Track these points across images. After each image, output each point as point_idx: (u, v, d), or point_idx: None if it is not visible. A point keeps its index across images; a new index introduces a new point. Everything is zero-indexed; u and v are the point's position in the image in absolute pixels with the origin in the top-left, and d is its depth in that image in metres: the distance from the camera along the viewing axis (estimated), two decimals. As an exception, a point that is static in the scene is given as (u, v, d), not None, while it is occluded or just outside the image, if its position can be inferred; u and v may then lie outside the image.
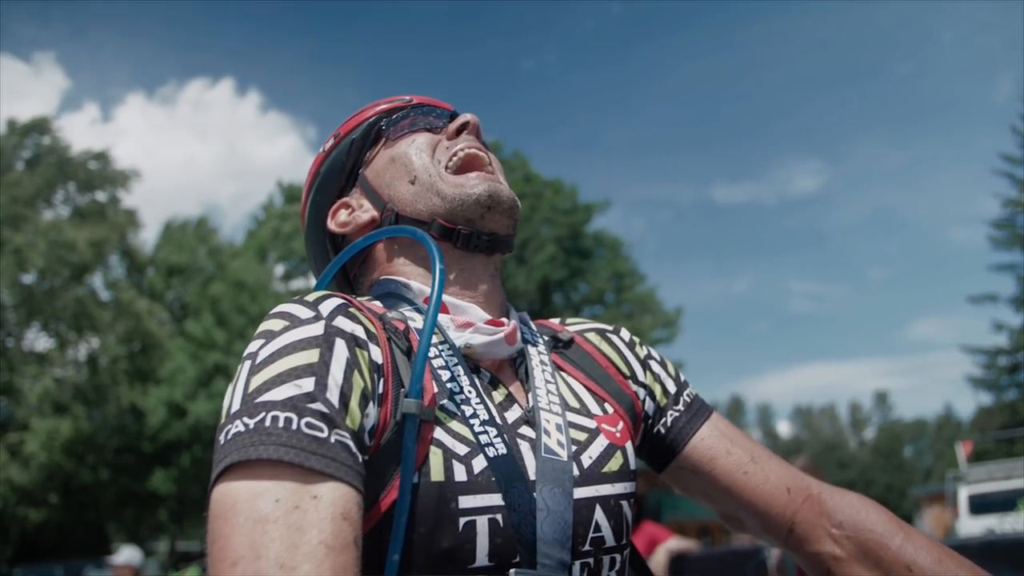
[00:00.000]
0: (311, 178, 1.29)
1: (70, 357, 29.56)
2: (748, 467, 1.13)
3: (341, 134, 1.26)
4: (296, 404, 0.80)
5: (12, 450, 26.24)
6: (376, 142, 1.24)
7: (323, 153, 1.27)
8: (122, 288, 29.81)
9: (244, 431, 0.78)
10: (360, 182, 1.23)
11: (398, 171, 1.17)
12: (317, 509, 0.75)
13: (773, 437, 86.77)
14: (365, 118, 1.26)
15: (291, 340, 0.86)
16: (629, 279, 31.87)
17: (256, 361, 0.85)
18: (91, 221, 29.23)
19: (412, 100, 1.27)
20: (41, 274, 28.29)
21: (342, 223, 1.22)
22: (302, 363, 0.84)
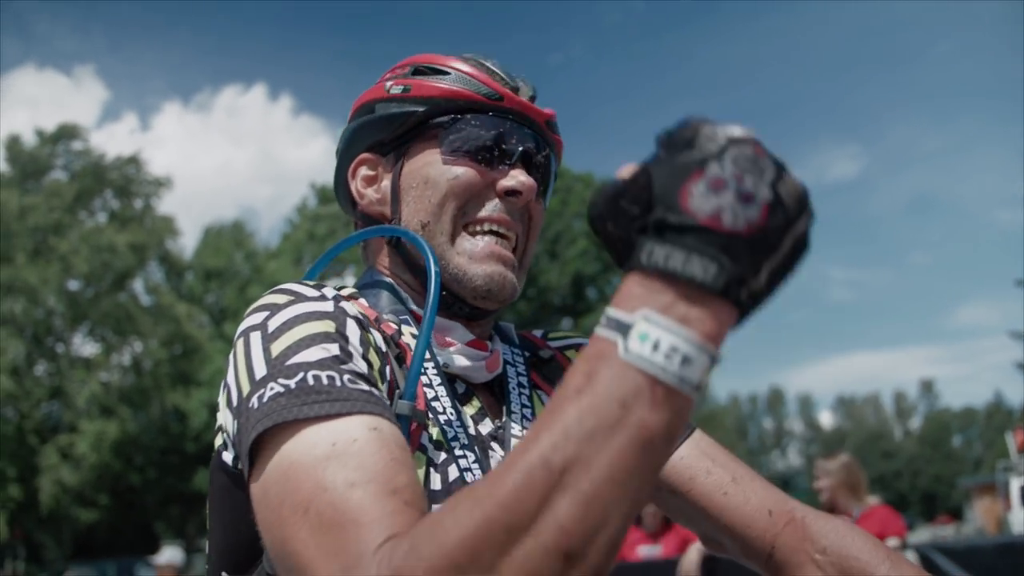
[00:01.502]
0: (359, 110, 1.14)
1: (115, 361, 30.21)
2: (728, 488, 1.10)
3: (414, 93, 1.08)
4: (332, 364, 0.78)
5: (63, 452, 26.88)
6: (431, 136, 1.08)
7: (386, 95, 1.10)
8: (162, 292, 30.35)
9: (285, 391, 0.75)
10: (393, 168, 1.11)
11: (422, 200, 1.06)
12: (378, 436, 0.73)
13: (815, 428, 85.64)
14: (444, 94, 1.07)
15: (302, 311, 0.85)
16: (664, 272, 31.70)
17: (268, 330, 0.83)
18: (130, 227, 29.80)
19: (503, 100, 1.07)
20: (85, 280, 28.94)
21: (358, 191, 1.14)
22: (322, 330, 0.82)
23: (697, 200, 0.59)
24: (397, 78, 1.11)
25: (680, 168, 0.60)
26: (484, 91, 1.07)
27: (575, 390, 0.59)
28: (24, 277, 27.15)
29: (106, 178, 30.79)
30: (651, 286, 0.59)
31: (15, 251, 27.64)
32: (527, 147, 1.08)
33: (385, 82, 1.12)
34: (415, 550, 0.59)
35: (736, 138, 0.61)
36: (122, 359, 30.59)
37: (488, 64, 1.11)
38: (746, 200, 0.59)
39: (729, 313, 0.60)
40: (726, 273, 0.58)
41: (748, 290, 0.60)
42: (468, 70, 1.08)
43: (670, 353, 0.57)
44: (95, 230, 29.08)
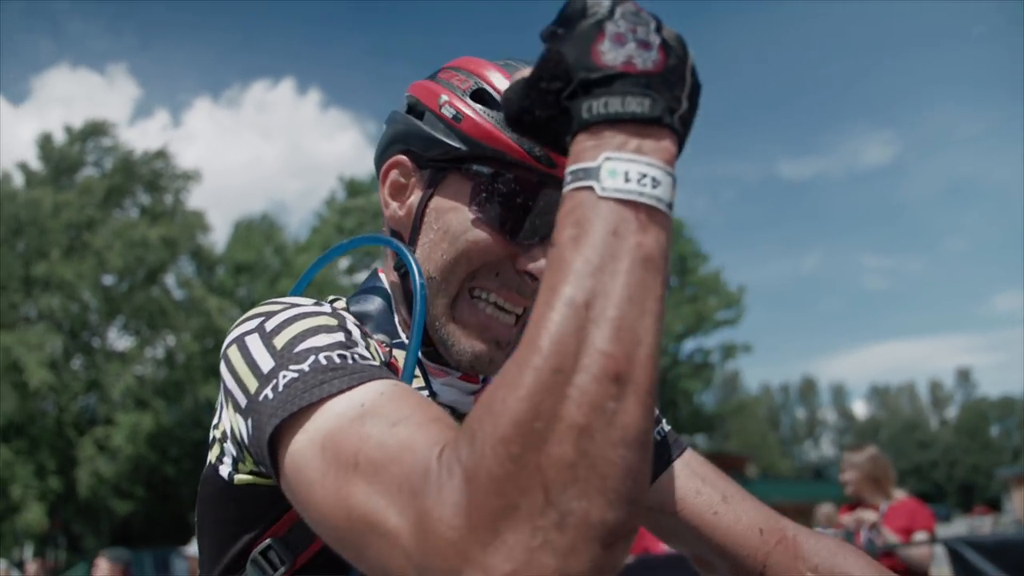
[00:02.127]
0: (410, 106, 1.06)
1: (149, 355, 30.71)
2: (719, 507, 1.10)
3: (464, 127, 0.97)
4: (338, 346, 0.79)
5: (100, 444, 27.39)
6: (469, 176, 0.99)
7: (437, 110, 1.00)
8: (193, 286, 30.76)
9: (299, 376, 0.75)
10: (424, 190, 1.03)
11: (436, 250, 0.99)
12: (402, 388, 0.75)
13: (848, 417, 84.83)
14: (494, 143, 0.96)
15: (300, 311, 0.85)
16: (692, 261, 31.48)
17: (266, 330, 0.83)
18: (161, 222, 30.21)
19: (555, 168, 0.95)
20: (119, 275, 29.42)
21: (385, 198, 1.07)
22: (323, 323, 0.83)
23: (608, 55, 0.64)
24: (455, 93, 0.99)
25: (583, 35, 0.66)
26: (538, 153, 0.95)
27: (571, 239, 0.62)
28: (60, 273, 27.64)
29: (136, 173, 31.21)
30: (600, 135, 0.64)
31: (50, 248, 28.15)
32: None
33: (442, 91, 1.00)
34: (478, 434, 0.59)
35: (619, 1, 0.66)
36: (156, 352, 31.07)
37: None
38: (645, 47, 0.65)
39: (671, 138, 0.65)
40: (659, 104, 0.64)
41: (679, 116, 0.65)
42: None
43: (641, 179, 0.62)
44: (128, 225, 29.50)
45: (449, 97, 0.99)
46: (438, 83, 1.02)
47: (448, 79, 1.02)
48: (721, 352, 31.80)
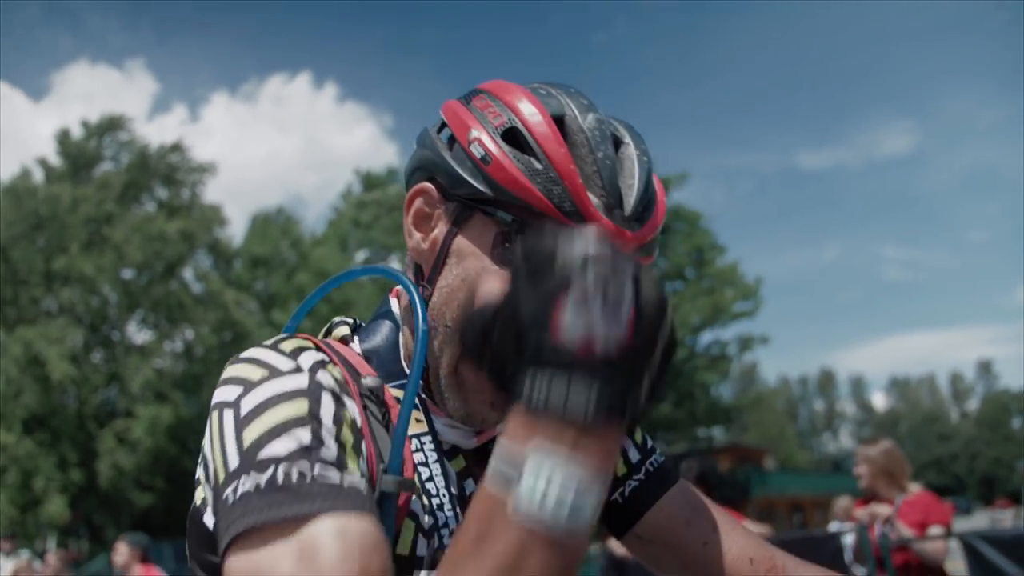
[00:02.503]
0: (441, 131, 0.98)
1: (168, 348, 31.01)
2: (709, 538, 1.10)
3: (492, 171, 0.89)
4: (302, 456, 0.76)
5: (120, 436, 27.70)
6: (495, 221, 0.92)
7: (466, 145, 0.92)
8: (211, 280, 31.00)
9: (255, 490, 0.74)
10: (448, 227, 0.96)
11: (451, 301, 0.93)
12: (342, 545, 0.70)
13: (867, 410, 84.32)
14: (522, 194, 0.88)
15: (276, 392, 0.81)
16: (709, 253, 31.35)
17: (241, 413, 0.80)
18: (179, 216, 30.46)
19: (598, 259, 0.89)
20: (138, 268, 29.69)
21: (409, 227, 1.00)
22: (293, 415, 0.79)
23: (566, 329, 0.59)
24: (487, 129, 0.91)
25: (544, 295, 0.61)
26: (567, 208, 0.87)
27: (472, 542, 0.61)
28: (79, 267, 27.94)
29: (152, 167, 31.48)
30: (536, 419, 0.60)
31: (69, 242, 28.44)
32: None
33: (474, 124, 0.92)
34: None
35: (593, 253, 0.61)
36: (175, 346, 31.36)
37: (598, 156, 0.89)
38: (612, 320, 0.59)
39: (616, 433, 0.61)
40: (606, 398, 0.59)
41: (632, 406, 0.60)
42: (565, 167, 0.88)
43: (558, 506, 0.58)
44: (146, 219, 29.76)
45: (479, 133, 0.91)
46: (471, 111, 0.94)
47: (482, 109, 0.94)
48: (738, 344, 31.66)
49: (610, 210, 0.88)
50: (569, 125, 0.90)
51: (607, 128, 0.92)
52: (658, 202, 0.94)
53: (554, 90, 0.95)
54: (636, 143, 0.95)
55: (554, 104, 0.92)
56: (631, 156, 0.93)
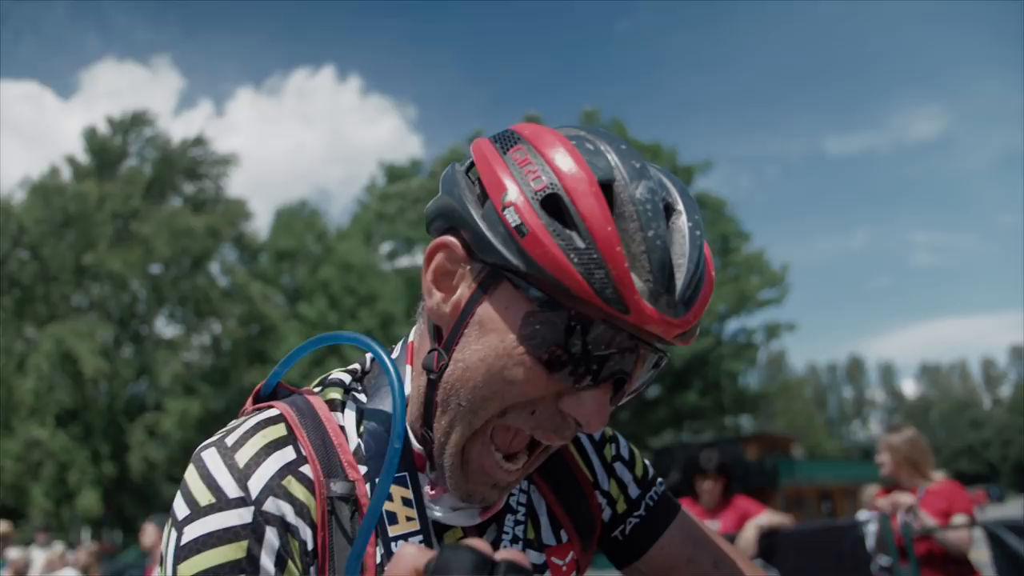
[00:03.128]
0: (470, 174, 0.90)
1: (196, 342, 31.41)
2: (711, 573, 1.10)
3: (527, 246, 0.79)
4: None
5: (150, 429, 28.11)
6: (516, 293, 0.83)
7: (499, 208, 0.82)
8: (237, 273, 31.32)
9: None
10: (472, 291, 0.86)
11: (473, 375, 0.84)
12: None
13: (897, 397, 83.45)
14: (558, 275, 0.78)
15: (217, 528, 0.81)
16: (735, 240, 31.12)
17: (181, 541, 0.81)
18: (204, 210, 30.79)
19: (628, 315, 0.79)
20: (165, 264, 30.06)
21: (428, 283, 0.90)
22: (229, 560, 0.79)
23: None
24: (525, 193, 0.80)
25: None
26: (609, 295, 0.78)
27: None
28: (108, 263, 28.32)
29: (175, 162, 31.83)
30: None
31: (98, 239, 28.83)
32: (621, 374, 0.84)
33: (509, 186, 0.81)
34: None
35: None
36: (202, 339, 31.75)
37: (648, 234, 0.79)
38: None
39: None
40: None
41: None
42: (610, 249, 0.78)
43: None
44: (174, 214, 30.10)
45: (516, 197, 0.80)
46: (507, 165, 0.83)
47: (520, 164, 0.83)
48: (765, 332, 31.43)
49: (656, 297, 0.79)
50: (618, 195, 0.80)
51: (659, 198, 0.82)
52: (706, 281, 0.85)
53: (602, 144, 0.84)
54: (689, 211, 0.85)
55: (603, 166, 0.81)
56: (682, 229, 0.83)
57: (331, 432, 0.91)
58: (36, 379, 26.84)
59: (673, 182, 0.88)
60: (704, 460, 4.86)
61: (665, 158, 30.74)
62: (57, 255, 28.79)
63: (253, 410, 0.94)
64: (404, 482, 0.90)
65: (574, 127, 0.89)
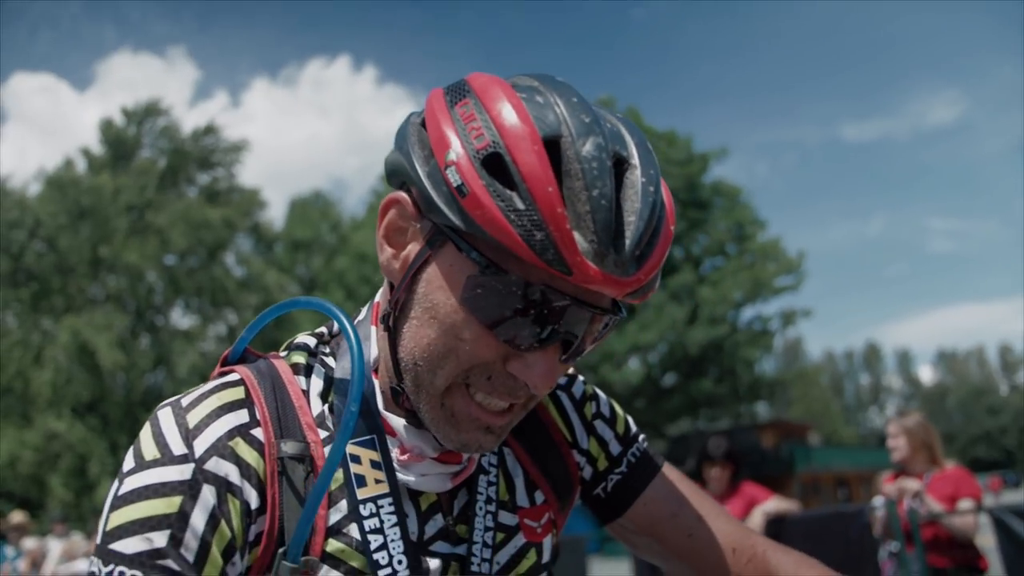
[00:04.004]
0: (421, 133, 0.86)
1: (212, 332, 31.60)
2: (694, 530, 1.10)
3: (467, 205, 0.78)
4: (144, 561, 0.78)
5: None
6: (461, 255, 0.82)
7: (442, 168, 0.80)
8: (252, 262, 31.48)
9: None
10: (421, 246, 0.86)
11: (422, 335, 0.85)
12: None
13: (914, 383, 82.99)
14: (498, 235, 0.77)
15: (154, 481, 0.81)
16: (750, 228, 30.97)
17: (119, 491, 0.82)
18: (218, 200, 30.93)
19: (571, 276, 0.77)
20: (181, 255, 30.26)
21: (380, 239, 0.90)
22: (160, 512, 0.80)
23: None
24: (468, 151, 0.79)
25: None
26: (550, 256, 0.76)
27: None
28: (124, 255, 28.53)
29: (187, 151, 31.98)
30: None
31: (113, 230, 29.04)
32: (569, 336, 0.83)
33: (453, 145, 0.80)
34: None
35: None
36: (218, 329, 31.95)
37: (593, 193, 0.77)
38: None
39: None
40: None
41: None
42: (551, 210, 0.76)
43: None
44: (190, 205, 30.27)
45: (458, 156, 0.79)
46: (453, 121, 0.82)
47: (465, 121, 0.82)
48: (780, 319, 31.31)
49: (601, 257, 0.77)
50: (565, 152, 0.78)
51: (608, 154, 0.79)
52: (661, 236, 0.83)
53: (553, 96, 0.82)
54: (644, 165, 0.82)
55: (550, 121, 0.79)
56: (635, 185, 0.81)
57: (292, 395, 0.91)
58: (54, 371, 27.11)
59: (631, 133, 0.86)
60: (712, 447, 4.88)
61: (681, 146, 30.60)
62: (73, 247, 29.03)
63: (217, 374, 0.94)
64: (372, 445, 0.90)
65: (529, 76, 0.87)
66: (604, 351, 27.85)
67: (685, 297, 28.90)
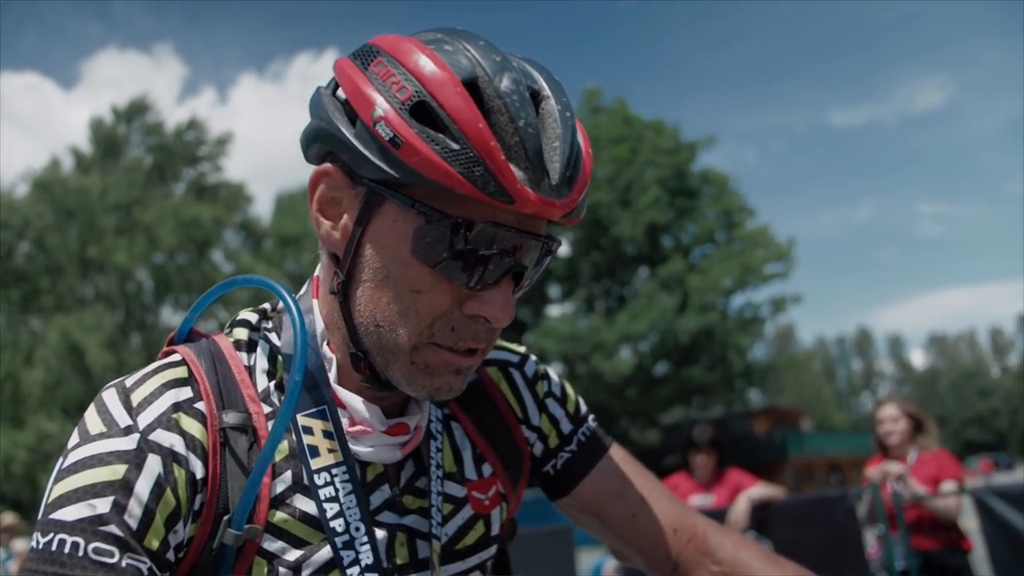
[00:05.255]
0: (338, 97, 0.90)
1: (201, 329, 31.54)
2: (637, 509, 1.13)
3: (403, 155, 0.80)
4: (86, 527, 0.77)
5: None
6: (401, 209, 0.84)
7: (371, 123, 0.81)
8: (241, 258, 31.43)
9: (35, 551, 0.78)
10: (358, 211, 0.87)
11: (378, 297, 0.86)
12: None
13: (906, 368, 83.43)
14: (438, 178, 0.79)
15: (99, 451, 0.81)
16: (739, 215, 31.00)
17: (63, 465, 0.82)
18: (206, 196, 30.85)
19: (513, 204, 0.80)
20: (170, 253, 30.19)
21: (315, 213, 0.91)
22: (103, 479, 0.80)
23: None
24: (393, 105, 0.81)
25: None
26: (492, 189, 0.79)
27: None
28: (113, 255, 28.45)
29: (172, 147, 31.92)
30: None
31: (102, 230, 28.94)
32: (519, 267, 0.86)
33: (377, 101, 0.82)
34: None
35: None
36: (208, 326, 31.92)
37: (519, 124, 0.80)
38: None
39: None
40: None
41: None
42: (484, 144, 0.79)
43: None
44: (177, 202, 30.20)
45: (385, 112, 0.81)
46: (371, 81, 0.84)
47: (383, 78, 0.83)
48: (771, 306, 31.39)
49: (537, 182, 0.81)
50: (484, 90, 0.81)
51: (524, 87, 0.83)
52: (584, 158, 0.87)
53: (460, 43, 0.84)
54: (556, 94, 0.86)
55: (464, 65, 0.82)
56: (553, 113, 0.84)
57: (233, 368, 0.92)
58: (44, 371, 27.02)
59: (537, 68, 0.89)
60: (697, 434, 4.89)
61: (668, 135, 30.58)
62: (62, 247, 28.92)
63: (162, 355, 0.95)
64: (324, 415, 0.91)
65: (430, 31, 0.89)
66: (595, 341, 27.91)
67: (675, 286, 28.94)
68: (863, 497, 4.60)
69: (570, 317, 30.35)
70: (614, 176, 29.40)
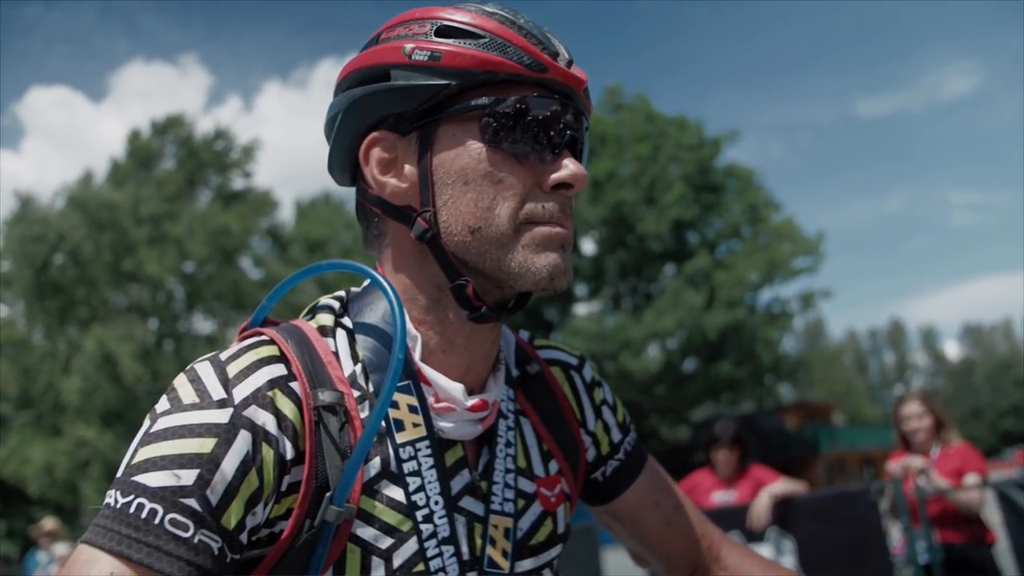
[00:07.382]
0: (365, 76, 0.96)
1: (232, 336, 31.91)
2: (672, 519, 1.19)
3: (445, 62, 0.89)
4: (167, 496, 0.77)
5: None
6: (464, 117, 0.92)
7: (407, 60, 0.91)
8: (269, 263, 31.77)
9: (111, 509, 0.77)
10: (418, 152, 0.94)
11: (463, 201, 0.91)
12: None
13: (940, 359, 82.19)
14: (482, 64, 0.89)
15: (191, 422, 0.82)
16: (764, 210, 30.75)
17: (151, 429, 0.82)
18: (234, 204, 31.24)
19: (547, 72, 0.91)
20: (199, 262, 30.60)
21: (375, 178, 0.96)
22: (191, 451, 0.79)
23: None
24: (416, 39, 0.91)
25: None
26: (527, 61, 0.90)
27: None
28: (145, 266, 28.91)
29: (201, 158, 32.37)
30: None
31: (135, 242, 29.41)
32: (575, 132, 0.94)
33: (403, 43, 0.92)
34: None
35: None
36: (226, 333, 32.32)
37: (520, 22, 0.93)
38: None
39: None
40: None
41: None
42: (504, 32, 0.90)
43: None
44: (206, 212, 30.61)
45: (416, 43, 0.91)
46: (385, 41, 0.95)
47: (400, 34, 0.94)
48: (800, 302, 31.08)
49: (555, 56, 0.93)
50: (480, 13, 0.93)
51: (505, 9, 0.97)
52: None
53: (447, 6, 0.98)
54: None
55: (457, 7, 0.95)
56: (530, 21, 0.97)
57: (320, 352, 0.93)
58: (81, 380, 27.51)
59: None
60: (719, 430, 4.91)
61: (692, 130, 30.40)
62: (96, 259, 29.42)
63: (241, 339, 0.96)
64: (409, 390, 0.93)
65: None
66: (623, 339, 27.82)
67: (702, 282, 28.77)
68: (885, 492, 4.61)
69: (597, 316, 30.25)
70: (638, 174, 29.28)
